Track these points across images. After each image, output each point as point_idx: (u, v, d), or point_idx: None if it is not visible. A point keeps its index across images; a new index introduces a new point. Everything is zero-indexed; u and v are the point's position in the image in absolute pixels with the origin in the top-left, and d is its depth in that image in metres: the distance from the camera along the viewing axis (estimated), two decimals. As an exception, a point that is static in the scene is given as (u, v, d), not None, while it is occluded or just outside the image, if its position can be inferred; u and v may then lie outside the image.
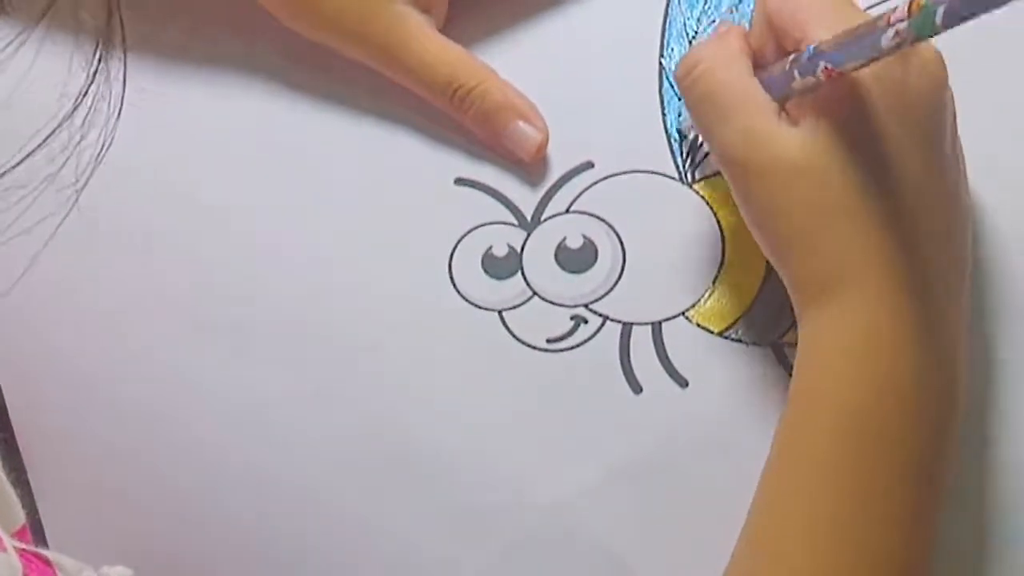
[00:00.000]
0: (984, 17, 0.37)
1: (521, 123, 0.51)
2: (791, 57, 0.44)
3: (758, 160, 0.44)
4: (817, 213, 0.43)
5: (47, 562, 0.45)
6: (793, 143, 0.44)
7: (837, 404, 0.43)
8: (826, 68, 0.42)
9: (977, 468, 0.49)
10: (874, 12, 0.45)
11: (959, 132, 0.46)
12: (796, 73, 0.44)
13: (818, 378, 0.44)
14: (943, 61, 0.44)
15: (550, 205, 0.52)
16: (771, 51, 0.47)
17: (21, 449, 0.51)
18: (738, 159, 0.45)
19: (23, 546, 0.45)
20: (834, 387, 0.43)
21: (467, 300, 0.51)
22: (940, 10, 0.37)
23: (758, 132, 0.44)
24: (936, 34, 0.38)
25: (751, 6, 0.53)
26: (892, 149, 0.43)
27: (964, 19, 0.37)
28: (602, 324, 0.50)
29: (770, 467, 0.45)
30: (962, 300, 0.45)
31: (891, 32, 0.39)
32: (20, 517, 0.50)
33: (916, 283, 0.43)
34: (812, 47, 0.43)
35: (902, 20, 0.39)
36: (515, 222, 0.52)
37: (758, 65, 0.47)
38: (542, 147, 0.51)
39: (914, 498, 0.43)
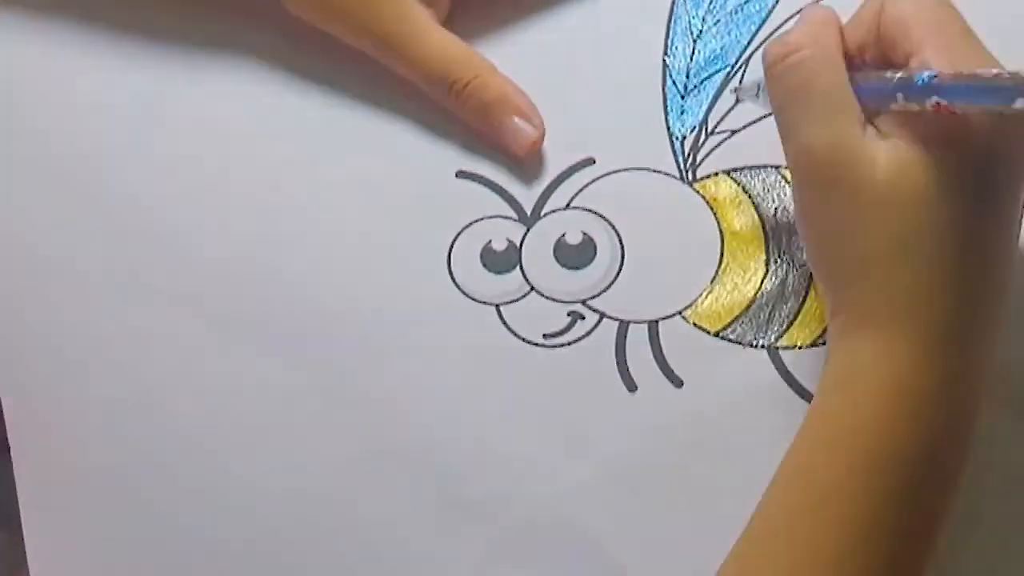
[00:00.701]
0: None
1: (517, 119, 0.51)
2: (898, 75, 0.42)
3: (845, 175, 0.42)
4: (896, 242, 0.41)
5: None
6: (883, 164, 0.41)
7: (860, 443, 0.42)
8: (938, 103, 0.40)
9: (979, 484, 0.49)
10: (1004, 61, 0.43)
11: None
12: (900, 95, 0.41)
13: (846, 413, 0.43)
14: None
15: (550, 200, 0.52)
16: (872, 55, 0.44)
17: (13, 456, 0.51)
18: (821, 167, 0.42)
19: None
20: (861, 426, 0.42)
21: (465, 293, 0.51)
22: None
23: (848, 145, 0.42)
24: None
25: (757, 6, 0.53)
26: (986, 197, 0.41)
27: None
28: (599, 321, 0.50)
29: (778, 486, 0.44)
30: (993, 351, 0.44)
31: None
32: None
33: (961, 334, 0.42)
34: (928, 75, 0.40)
35: None
36: (515, 217, 0.52)
37: (851, 66, 0.44)
38: (537, 144, 0.51)
39: (915, 539, 0.42)
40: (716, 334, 0.50)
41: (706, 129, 0.52)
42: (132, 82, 0.54)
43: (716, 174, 0.51)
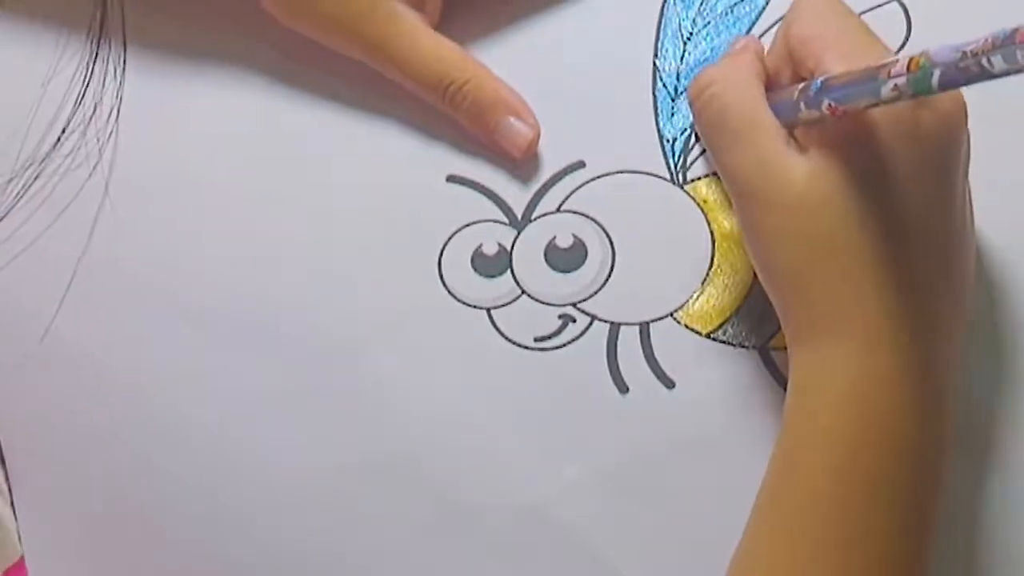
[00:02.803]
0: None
1: (512, 119, 0.51)
2: (799, 87, 0.44)
3: (765, 189, 0.44)
4: (817, 247, 0.43)
5: None
6: (799, 174, 0.43)
7: (828, 444, 0.42)
8: (830, 105, 0.42)
9: (973, 491, 0.48)
10: (893, 48, 0.45)
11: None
12: (802, 104, 0.43)
13: (810, 417, 0.43)
14: (962, 102, 0.43)
15: (541, 204, 0.52)
16: (787, 77, 0.46)
17: (6, 459, 0.52)
18: (746, 186, 0.44)
19: None
20: (826, 427, 0.43)
21: (456, 297, 0.51)
22: (936, 73, 0.37)
23: (766, 160, 0.44)
24: (933, 93, 0.38)
25: (747, 8, 0.53)
26: (898, 187, 0.43)
27: (961, 84, 0.37)
28: (590, 324, 0.50)
29: (759, 503, 0.44)
30: (957, 339, 0.45)
31: (891, 84, 0.39)
32: (17, 550, 0.49)
33: (914, 322, 0.43)
34: (820, 81, 0.43)
35: (901, 75, 0.39)
36: (505, 220, 0.52)
37: (771, 88, 0.46)
38: (533, 143, 0.51)
39: (904, 539, 0.42)
40: (707, 335, 0.50)
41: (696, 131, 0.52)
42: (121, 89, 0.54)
43: (706, 176, 0.51)
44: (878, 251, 0.42)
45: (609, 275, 0.51)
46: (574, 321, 0.51)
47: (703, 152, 0.52)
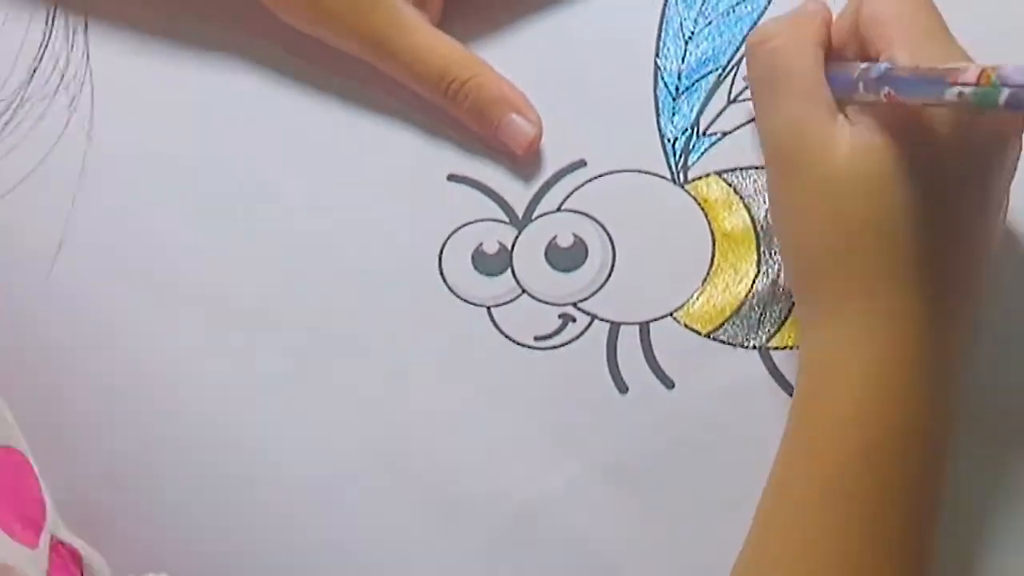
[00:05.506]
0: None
1: (515, 116, 0.51)
2: (862, 66, 0.43)
3: (803, 155, 0.43)
4: (855, 223, 0.42)
5: (77, 560, 0.46)
6: (843, 147, 0.43)
7: (844, 425, 0.42)
8: (888, 93, 0.41)
9: (978, 482, 0.48)
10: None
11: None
12: (861, 85, 0.43)
13: (828, 402, 0.43)
14: (1020, 121, 0.43)
15: (542, 203, 0.52)
16: (851, 52, 0.46)
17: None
18: (784, 148, 0.44)
19: (61, 538, 0.45)
20: (843, 409, 0.43)
21: (456, 296, 0.51)
22: (1005, 93, 0.37)
23: (810, 127, 0.43)
24: (995, 110, 0.38)
25: (749, 8, 0.53)
26: (944, 183, 0.42)
27: None
28: (590, 323, 0.50)
29: (769, 493, 0.44)
30: (970, 332, 0.45)
31: (955, 90, 0.39)
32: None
33: (938, 314, 0.43)
34: (884, 67, 0.42)
35: (969, 85, 0.38)
36: (506, 219, 0.52)
37: (833, 59, 0.45)
38: (535, 140, 0.51)
39: (915, 527, 0.42)
40: (707, 335, 0.50)
41: (697, 131, 0.52)
42: (121, 84, 0.54)
43: (707, 175, 0.51)
44: (916, 239, 0.42)
45: (609, 274, 0.51)
46: (574, 320, 0.51)
47: (704, 151, 0.52)
